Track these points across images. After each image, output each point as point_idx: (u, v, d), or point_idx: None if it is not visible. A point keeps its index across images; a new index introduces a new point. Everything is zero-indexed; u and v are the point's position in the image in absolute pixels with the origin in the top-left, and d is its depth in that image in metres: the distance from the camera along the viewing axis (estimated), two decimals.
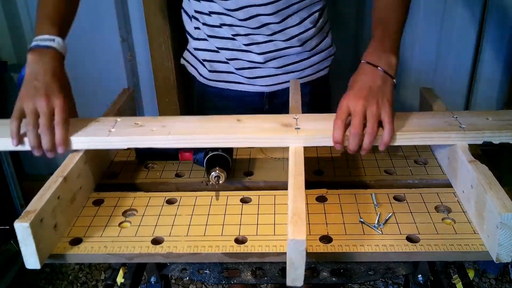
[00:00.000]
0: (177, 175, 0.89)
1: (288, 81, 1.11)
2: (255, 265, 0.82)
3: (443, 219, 0.74)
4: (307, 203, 0.79)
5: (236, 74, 1.10)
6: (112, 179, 0.89)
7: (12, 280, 1.73)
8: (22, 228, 0.64)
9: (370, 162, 0.91)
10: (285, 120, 0.81)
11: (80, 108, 0.86)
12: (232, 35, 1.03)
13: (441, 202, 0.78)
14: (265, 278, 0.82)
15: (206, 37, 1.07)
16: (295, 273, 0.62)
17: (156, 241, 0.72)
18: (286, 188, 0.83)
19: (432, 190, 0.82)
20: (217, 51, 1.08)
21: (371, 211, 0.77)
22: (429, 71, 1.72)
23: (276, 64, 1.08)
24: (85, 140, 0.79)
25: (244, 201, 0.81)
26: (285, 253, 0.69)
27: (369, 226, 0.73)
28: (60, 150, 0.77)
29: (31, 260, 0.66)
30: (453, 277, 0.85)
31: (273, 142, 0.79)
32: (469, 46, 1.67)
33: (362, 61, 0.79)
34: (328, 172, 0.88)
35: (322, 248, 0.69)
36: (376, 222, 0.73)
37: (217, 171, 0.80)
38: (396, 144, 0.77)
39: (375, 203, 0.78)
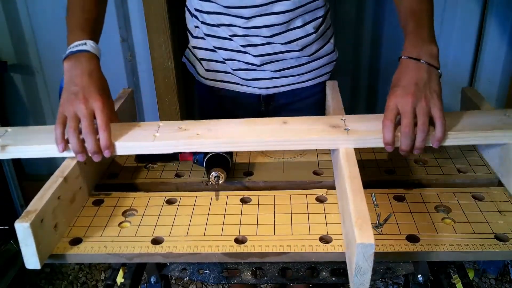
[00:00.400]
0: (177, 175, 0.89)
1: (286, 85, 1.10)
2: (255, 265, 0.82)
3: (443, 219, 0.74)
4: (307, 203, 0.79)
5: (232, 74, 1.09)
6: (112, 179, 0.89)
7: (12, 280, 1.73)
8: (22, 228, 0.64)
9: (370, 162, 0.91)
10: (332, 121, 0.80)
11: None
12: (229, 35, 1.02)
13: (441, 202, 0.78)
14: (265, 278, 0.82)
15: (204, 35, 1.07)
16: (362, 278, 0.60)
17: (156, 241, 0.72)
18: (285, 188, 0.84)
19: (432, 190, 0.82)
20: (214, 51, 1.07)
21: (371, 211, 0.76)
22: None
23: (273, 68, 1.07)
24: (130, 145, 0.77)
25: (244, 201, 0.81)
26: (285, 253, 0.69)
27: None
28: (106, 154, 0.76)
29: (32, 260, 0.67)
30: (453, 277, 0.85)
31: (322, 144, 0.78)
32: (469, 46, 1.67)
33: (402, 57, 0.77)
34: (328, 172, 0.88)
35: (322, 248, 0.69)
36: (376, 222, 0.73)
37: (217, 171, 0.80)
38: (450, 144, 0.76)
39: (375, 203, 0.78)
